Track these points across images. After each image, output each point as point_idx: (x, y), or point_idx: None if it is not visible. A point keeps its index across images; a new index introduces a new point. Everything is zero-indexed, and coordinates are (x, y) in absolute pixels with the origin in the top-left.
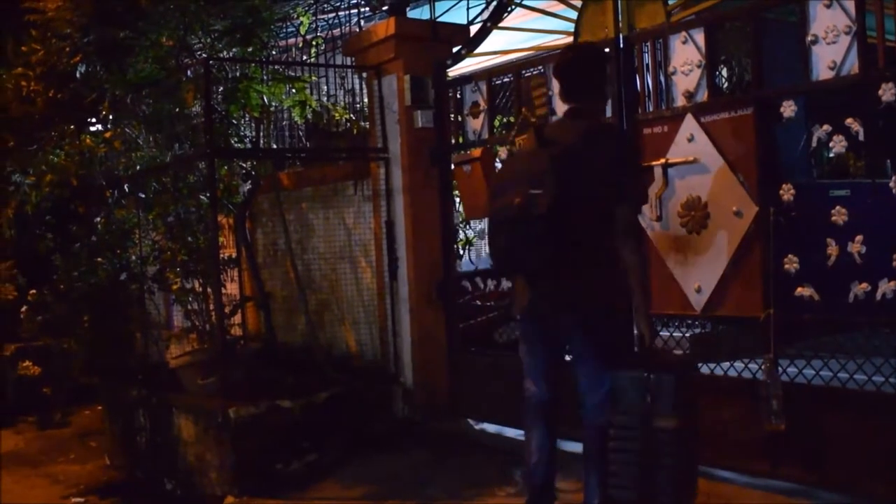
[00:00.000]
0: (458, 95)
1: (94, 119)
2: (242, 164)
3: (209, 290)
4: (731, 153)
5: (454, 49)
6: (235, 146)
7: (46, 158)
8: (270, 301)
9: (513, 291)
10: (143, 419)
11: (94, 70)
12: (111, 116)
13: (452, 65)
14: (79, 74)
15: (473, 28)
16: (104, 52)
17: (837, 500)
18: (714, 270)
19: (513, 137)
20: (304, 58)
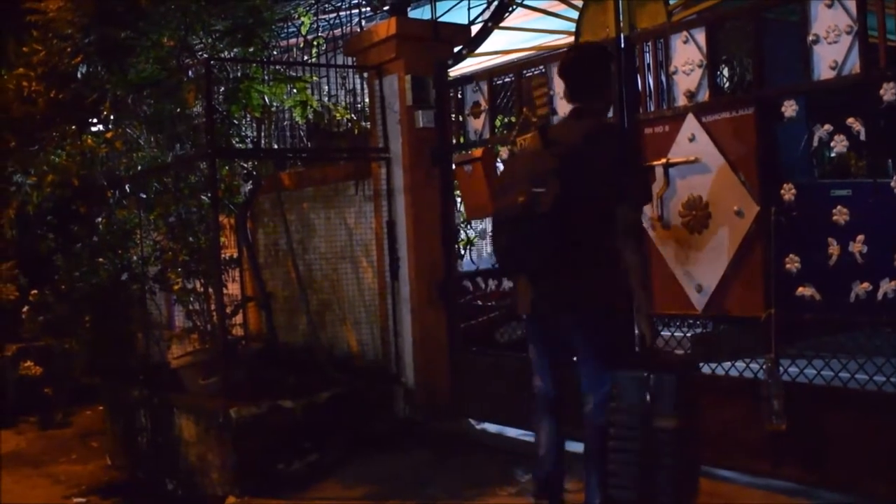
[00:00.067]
0: (460, 95)
1: (96, 119)
2: (244, 165)
3: (210, 291)
4: (733, 153)
5: (455, 49)
6: (237, 146)
7: (48, 159)
8: (272, 301)
9: (515, 291)
10: (145, 419)
11: (96, 70)
12: (112, 117)
13: (454, 65)
14: (80, 75)
15: (475, 28)
16: (105, 53)
17: (838, 500)
18: (715, 270)
19: (514, 137)
20: (306, 58)
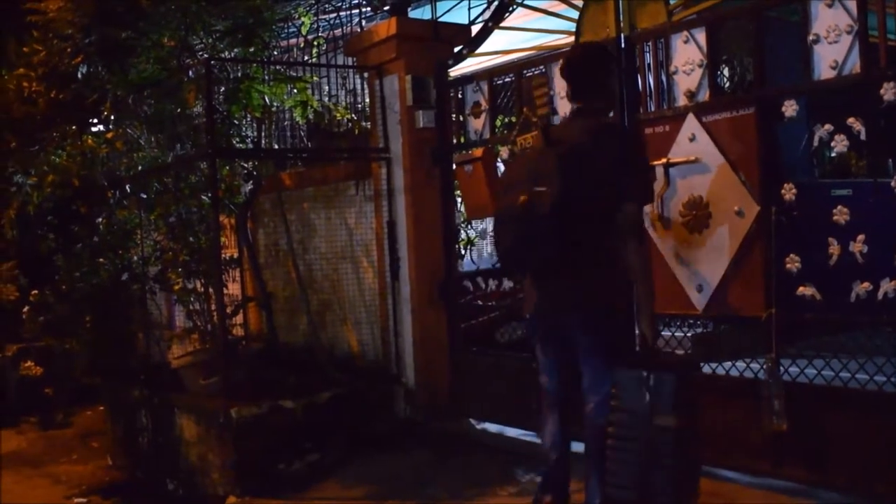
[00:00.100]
0: (460, 95)
1: (96, 119)
2: (244, 165)
3: (211, 291)
4: (733, 153)
5: (456, 49)
6: (237, 146)
7: (48, 159)
8: (272, 301)
9: (514, 291)
10: (145, 419)
11: (96, 70)
12: (113, 117)
13: (454, 65)
14: (80, 75)
15: (475, 28)
16: (106, 53)
17: (839, 500)
18: (716, 270)
19: (514, 137)
20: (306, 58)
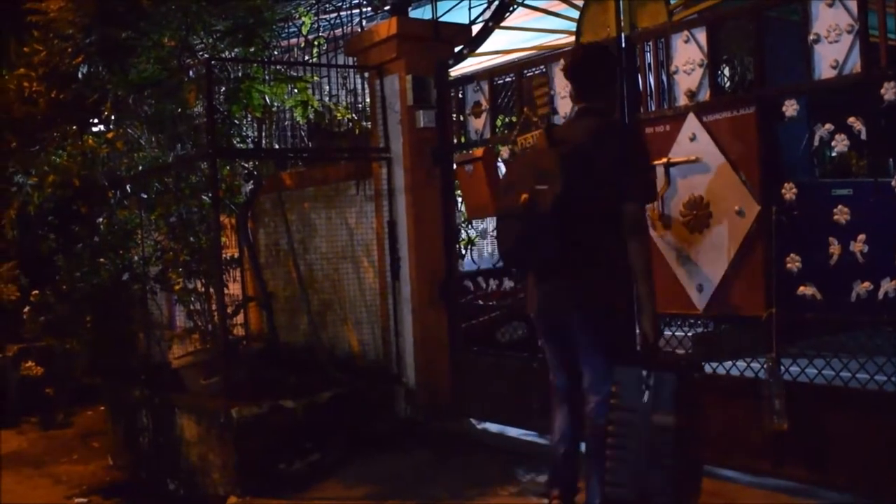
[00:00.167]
0: (460, 95)
1: (97, 119)
2: (244, 165)
3: (211, 291)
4: (734, 152)
5: (456, 49)
6: (237, 146)
7: (49, 159)
8: (273, 301)
9: (515, 291)
10: (146, 419)
11: (97, 70)
12: (113, 117)
13: (454, 64)
14: (81, 75)
15: (475, 28)
16: (106, 53)
17: (840, 499)
18: (716, 269)
19: (515, 137)
20: (306, 58)
